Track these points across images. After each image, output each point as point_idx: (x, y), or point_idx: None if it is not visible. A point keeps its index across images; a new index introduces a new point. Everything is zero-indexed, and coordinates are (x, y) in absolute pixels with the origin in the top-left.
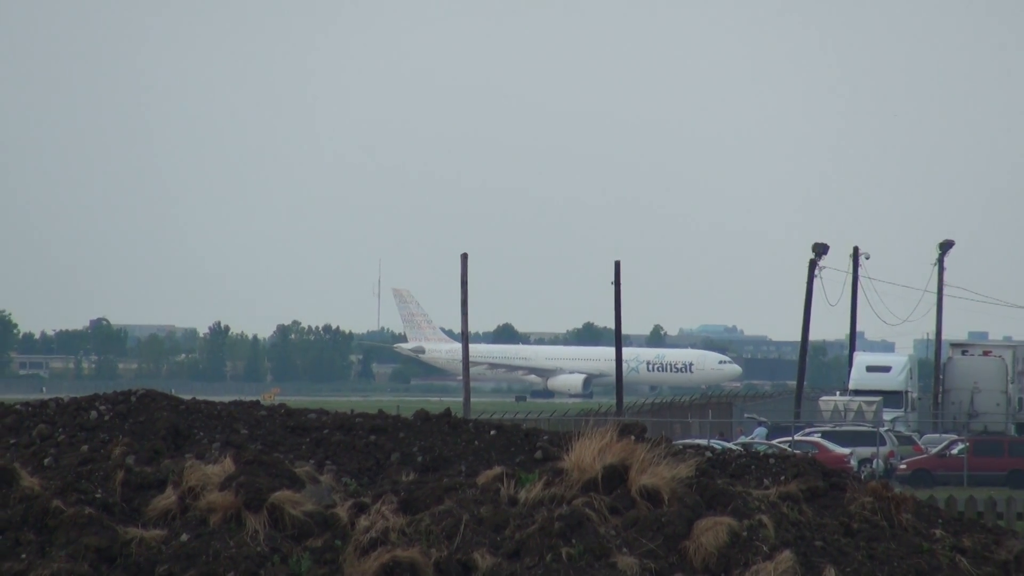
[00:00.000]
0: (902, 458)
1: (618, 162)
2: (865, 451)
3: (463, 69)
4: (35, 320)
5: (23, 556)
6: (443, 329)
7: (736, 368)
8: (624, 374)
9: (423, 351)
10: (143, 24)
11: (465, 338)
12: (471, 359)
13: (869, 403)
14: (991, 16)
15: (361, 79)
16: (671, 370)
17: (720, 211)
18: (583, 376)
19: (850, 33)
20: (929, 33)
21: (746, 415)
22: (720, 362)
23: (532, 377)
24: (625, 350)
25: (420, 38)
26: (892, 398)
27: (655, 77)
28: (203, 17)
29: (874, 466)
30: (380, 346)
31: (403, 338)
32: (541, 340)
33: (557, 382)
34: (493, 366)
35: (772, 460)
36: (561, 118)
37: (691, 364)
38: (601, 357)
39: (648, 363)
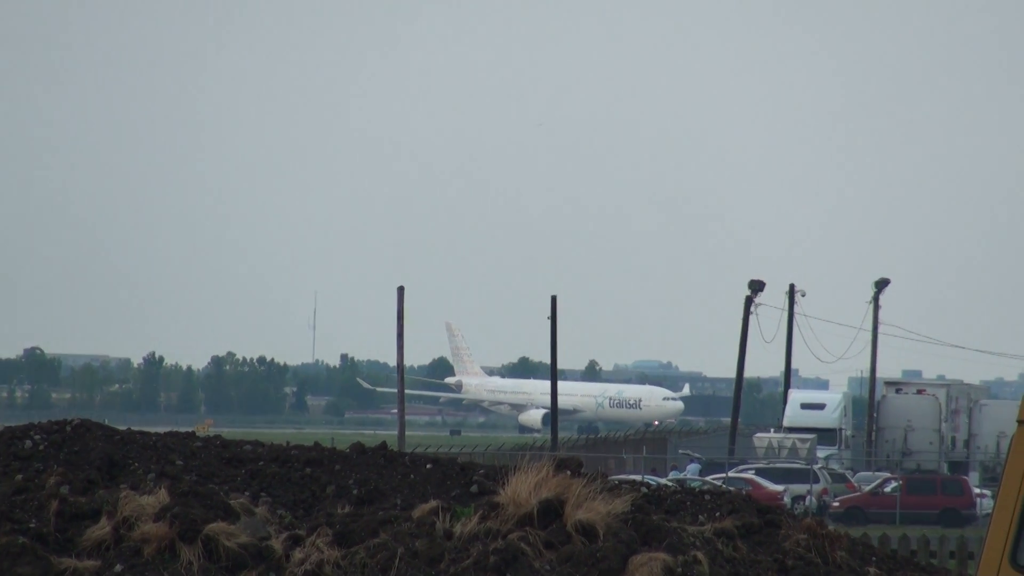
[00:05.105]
0: (835, 496)
1: (556, 192)
2: (799, 488)
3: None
4: None
5: None
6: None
7: (679, 404)
8: (592, 410)
9: (461, 387)
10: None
11: (400, 370)
12: (490, 395)
13: (803, 440)
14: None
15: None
16: (626, 406)
17: (656, 246)
18: (542, 411)
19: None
20: (862, 62)
21: (680, 451)
22: (664, 398)
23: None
24: (592, 386)
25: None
26: (826, 435)
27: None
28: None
29: (807, 503)
30: (430, 381)
31: (337, 371)
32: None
33: (523, 417)
34: (509, 404)
35: (707, 496)
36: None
37: (640, 400)
38: (579, 393)
39: (610, 399)
